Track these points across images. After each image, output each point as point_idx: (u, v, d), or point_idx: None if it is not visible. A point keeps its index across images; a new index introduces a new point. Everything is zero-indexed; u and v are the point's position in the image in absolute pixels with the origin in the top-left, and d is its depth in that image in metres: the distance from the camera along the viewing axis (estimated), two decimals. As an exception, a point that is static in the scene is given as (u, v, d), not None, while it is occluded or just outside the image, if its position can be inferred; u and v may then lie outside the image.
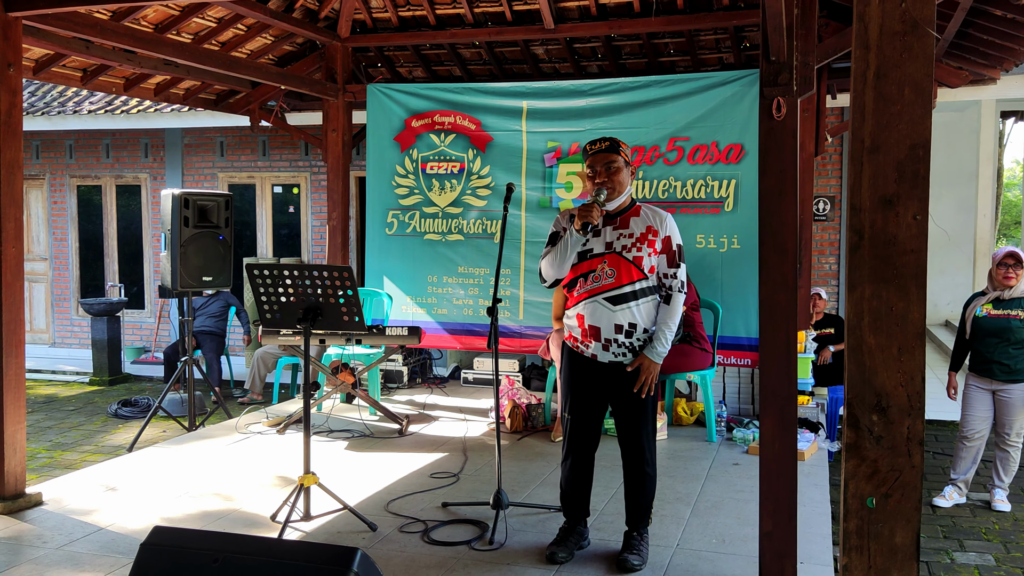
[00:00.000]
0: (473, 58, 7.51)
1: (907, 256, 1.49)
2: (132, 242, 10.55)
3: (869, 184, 1.51)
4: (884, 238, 1.50)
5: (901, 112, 1.48)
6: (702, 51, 6.96)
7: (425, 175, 7.13)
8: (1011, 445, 5.28)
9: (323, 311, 4.13)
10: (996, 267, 5.30)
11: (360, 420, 6.32)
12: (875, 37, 1.48)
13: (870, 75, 1.49)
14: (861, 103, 1.50)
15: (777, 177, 3.37)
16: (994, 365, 5.26)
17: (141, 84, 6.92)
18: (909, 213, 1.49)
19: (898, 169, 1.49)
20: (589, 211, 3.59)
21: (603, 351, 3.69)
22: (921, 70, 1.47)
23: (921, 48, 1.46)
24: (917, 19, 1.45)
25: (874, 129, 1.50)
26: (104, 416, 8.00)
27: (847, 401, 1.54)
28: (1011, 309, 5.22)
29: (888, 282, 1.50)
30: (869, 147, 1.51)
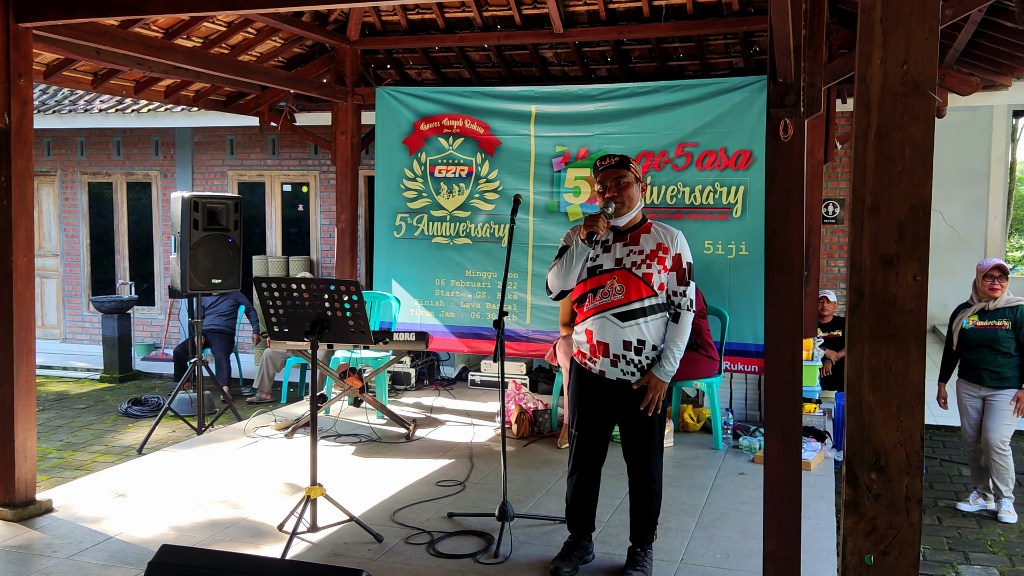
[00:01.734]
0: (482, 61, 7.50)
1: (907, 316, 1.50)
2: (143, 238, 10.61)
3: (869, 243, 1.51)
4: (884, 297, 1.51)
5: (902, 172, 1.49)
6: (712, 55, 6.93)
7: (433, 178, 7.14)
8: (998, 453, 5.29)
9: (330, 323, 4.15)
10: (982, 278, 5.35)
11: (367, 424, 6.36)
12: (876, 97, 1.48)
13: (871, 135, 1.50)
14: (862, 162, 1.51)
15: (783, 197, 3.37)
16: (983, 372, 5.32)
17: (151, 87, 6.94)
18: (909, 273, 1.49)
19: (899, 229, 1.49)
20: (595, 221, 3.60)
21: (611, 367, 3.70)
22: (922, 132, 1.47)
23: (922, 109, 1.47)
24: (918, 81, 1.46)
25: (875, 189, 1.50)
26: (114, 415, 8.07)
27: (846, 458, 1.55)
28: (996, 320, 5.27)
29: (888, 341, 1.51)
30: (870, 207, 1.51)
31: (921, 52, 1.46)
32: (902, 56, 1.46)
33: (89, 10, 4.17)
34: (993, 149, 11.66)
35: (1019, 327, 5.25)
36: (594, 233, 3.58)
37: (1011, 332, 5.26)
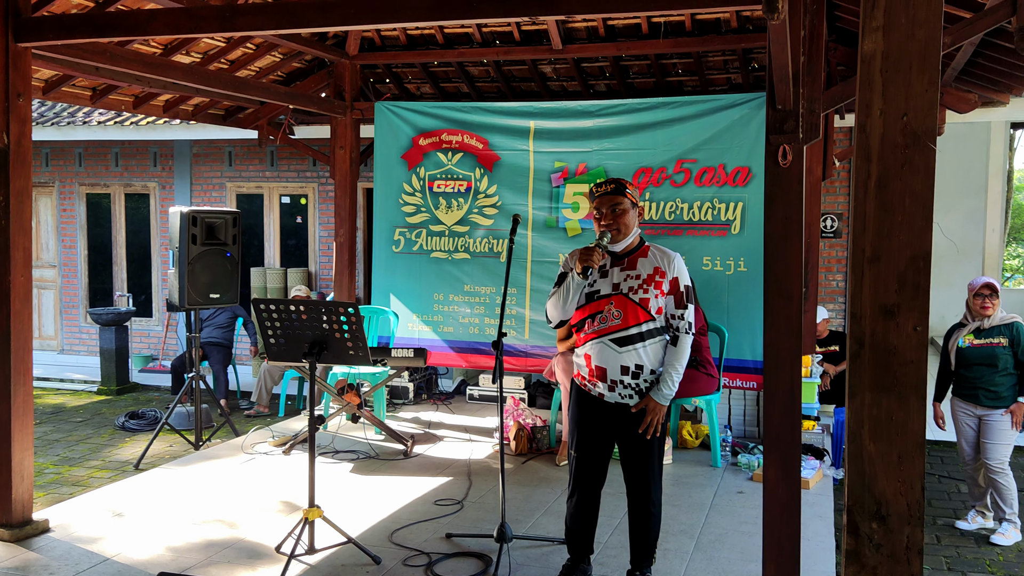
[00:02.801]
0: (481, 75, 7.51)
1: (908, 367, 1.50)
2: (141, 250, 10.59)
3: (870, 292, 1.51)
4: (885, 347, 1.51)
5: (902, 223, 1.49)
6: (710, 71, 6.95)
7: (432, 193, 7.14)
8: (997, 472, 5.29)
9: (328, 344, 4.15)
10: (973, 297, 5.37)
11: (365, 440, 6.34)
12: (876, 148, 1.49)
13: (871, 184, 1.50)
14: (863, 211, 1.51)
15: (782, 223, 3.37)
16: (980, 392, 5.33)
17: (150, 102, 6.94)
18: (910, 324, 1.49)
19: (899, 279, 1.49)
20: (590, 255, 3.60)
21: (609, 391, 3.70)
22: (922, 182, 1.47)
23: (922, 161, 1.47)
24: (918, 132, 1.46)
25: (875, 238, 1.50)
26: (112, 429, 8.05)
27: (847, 507, 1.55)
28: (993, 337, 5.29)
29: (889, 391, 1.51)
30: (870, 256, 1.51)
31: (921, 104, 1.46)
32: (902, 107, 1.47)
33: (89, 31, 4.17)
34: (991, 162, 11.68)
35: (1016, 344, 5.27)
36: (589, 268, 3.58)
37: (1008, 349, 5.27)
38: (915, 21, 1.45)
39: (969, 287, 5.50)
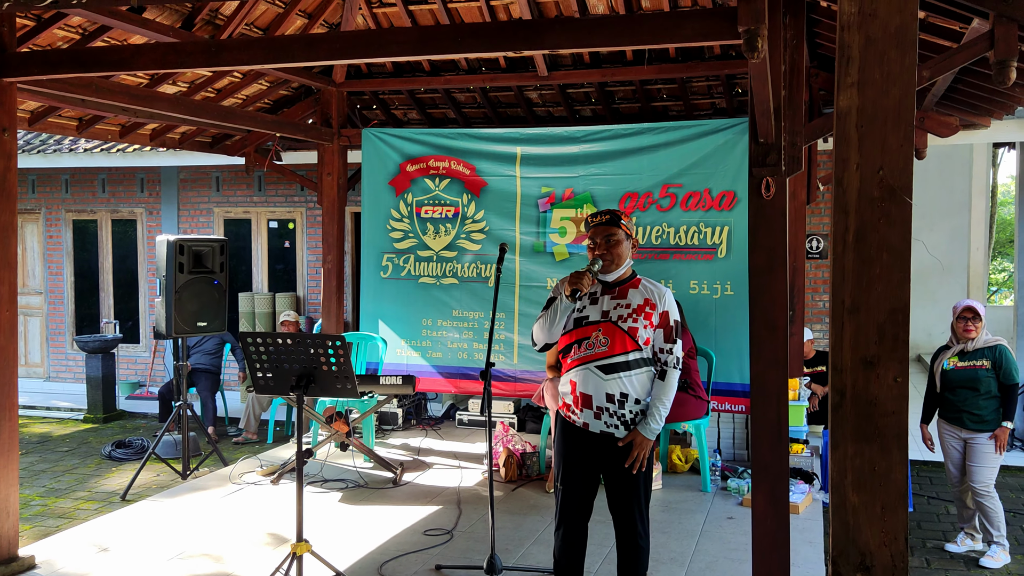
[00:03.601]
0: (468, 102, 7.55)
1: (888, 417, 1.51)
2: (128, 276, 10.55)
3: (850, 344, 1.52)
4: (866, 398, 1.52)
5: (880, 275, 1.50)
6: (695, 96, 7.00)
7: (420, 219, 7.16)
8: (983, 495, 5.31)
9: (316, 377, 4.13)
10: (956, 320, 5.42)
11: (354, 468, 6.31)
12: (853, 201, 1.51)
13: (849, 238, 1.51)
14: (841, 264, 1.52)
15: (767, 255, 3.40)
16: (964, 415, 5.35)
17: (137, 131, 6.94)
18: (890, 375, 1.51)
19: (878, 331, 1.51)
20: (580, 279, 3.61)
21: (594, 419, 3.69)
22: (898, 236, 1.49)
23: (899, 214, 1.49)
24: (894, 187, 1.48)
25: (854, 290, 1.52)
26: (98, 458, 7.98)
27: (831, 558, 1.55)
28: (976, 360, 5.32)
29: (870, 442, 1.52)
30: (849, 307, 1.52)
31: (896, 159, 1.48)
32: (878, 162, 1.49)
33: (74, 66, 4.17)
34: (974, 180, 11.80)
35: (999, 367, 5.30)
36: (578, 290, 3.59)
37: (991, 372, 5.30)
38: (889, 78, 1.48)
39: (953, 310, 5.54)
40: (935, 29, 4.48)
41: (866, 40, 1.48)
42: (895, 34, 1.47)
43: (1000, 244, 19.93)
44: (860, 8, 1.48)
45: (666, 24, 3.22)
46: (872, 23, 1.48)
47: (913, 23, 1.46)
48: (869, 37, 1.48)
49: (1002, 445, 5.25)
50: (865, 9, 1.48)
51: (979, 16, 3.42)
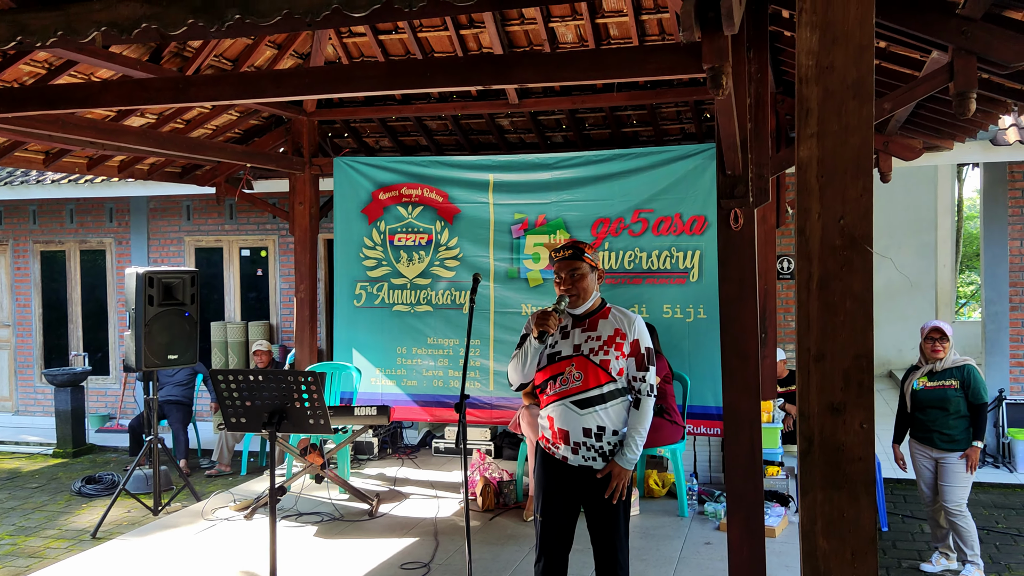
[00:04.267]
0: (440, 129, 7.57)
1: (856, 464, 1.52)
2: (97, 306, 10.42)
3: (817, 391, 1.54)
4: (833, 444, 1.53)
5: (844, 323, 1.52)
6: (664, 122, 7.07)
7: (393, 247, 7.15)
8: (955, 515, 5.35)
9: (288, 414, 4.10)
10: (924, 341, 5.48)
11: (330, 500, 6.25)
12: (816, 249, 1.52)
13: (813, 285, 1.53)
14: (806, 311, 1.54)
15: (737, 285, 3.42)
16: (934, 435, 5.40)
17: (105, 163, 6.88)
18: (856, 421, 1.52)
19: (844, 378, 1.52)
20: (546, 320, 3.62)
21: (573, 454, 3.70)
22: (860, 283, 1.51)
23: (860, 263, 1.51)
24: (855, 236, 1.50)
25: (819, 338, 1.53)
26: (68, 494, 7.84)
27: (802, 605, 1.56)
28: (945, 380, 5.38)
29: (839, 488, 1.53)
30: (815, 355, 1.54)
31: (856, 208, 1.50)
32: (839, 211, 1.51)
33: (40, 104, 4.13)
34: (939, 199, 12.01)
35: (967, 386, 5.36)
36: (546, 332, 3.59)
37: (960, 391, 5.36)
38: (848, 129, 1.50)
39: (921, 331, 5.60)
40: (896, 58, 4.57)
41: (824, 93, 1.50)
42: (852, 86, 1.49)
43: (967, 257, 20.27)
44: (817, 61, 1.51)
45: (633, 59, 3.25)
46: (830, 76, 1.50)
47: (869, 76, 1.49)
48: (827, 90, 1.50)
49: (973, 464, 5.30)
50: (822, 62, 1.50)
51: (938, 49, 3.49)
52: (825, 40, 1.51)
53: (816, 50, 1.52)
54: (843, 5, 1.49)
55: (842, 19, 1.50)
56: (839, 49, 1.50)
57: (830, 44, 1.50)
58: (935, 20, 3.30)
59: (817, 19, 1.51)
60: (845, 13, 1.50)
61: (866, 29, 1.49)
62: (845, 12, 1.49)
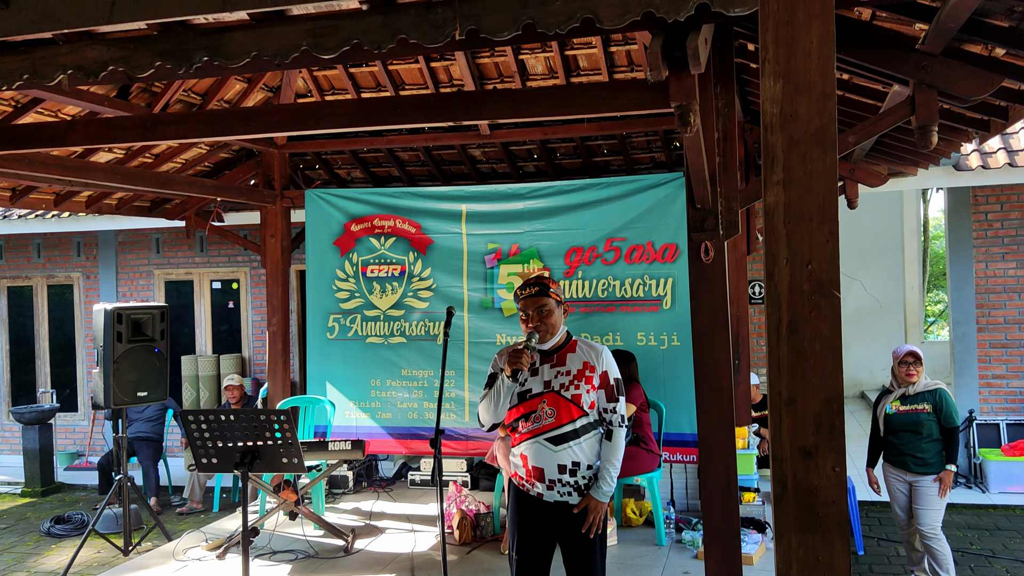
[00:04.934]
0: (412, 160, 7.58)
1: (830, 507, 1.53)
2: (65, 342, 10.26)
3: (789, 435, 1.55)
4: (807, 488, 1.54)
5: (814, 367, 1.53)
6: (635, 151, 7.14)
7: (366, 278, 7.12)
8: (930, 538, 5.39)
9: (261, 453, 4.05)
10: (898, 365, 5.54)
11: (304, 537, 6.16)
12: (785, 295, 1.54)
13: (783, 330, 1.55)
14: (776, 356, 1.55)
15: (709, 316, 3.45)
16: (908, 458, 5.45)
17: (73, 198, 6.81)
18: (828, 464, 1.53)
19: (815, 421, 1.54)
20: (519, 359, 3.60)
21: (548, 491, 3.69)
22: (829, 328, 1.53)
23: (828, 307, 1.52)
24: (823, 280, 1.52)
25: (790, 382, 1.54)
26: (37, 535, 7.68)
27: (780, 650, 1.56)
28: (918, 404, 5.44)
29: (814, 532, 1.54)
30: (786, 399, 1.55)
31: (823, 253, 1.52)
32: (806, 256, 1.53)
33: (6, 143, 4.09)
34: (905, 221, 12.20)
35: (939, 410, 5.42)
36: (519, 370, 3.58)
37: (932, 415, 5.42)
38: (813, 176, 1.52)
39: (894, 355, 5.66)
40: (859, 89, 4.66)
41: (789, 140, 1.53)
42: (815, 134, 1.52)
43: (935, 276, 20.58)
44: (781, 109, 1.53)
45: (601, 95, 3.29)
46: (794, 124, 1.53)
47: (832, 124, 1.52)
48: (791, 137, 1.53)
49: (946, 488, 5.35)
50: (786, 111, 1.53)
51: (900, 83, 3.56)
52: (788, 89, 1.53)
53: (780, 98, 1.54)
54: (805, 56, 1.52)
55: (804, 69, 1.53)
56: (802, 98, 1.53)
57: (793, 93, 1.53)
58: (895, 55, 3.38)
59: (780, 69, 1.54)
60: (807, 63, 1.52)
61: (827, 79, 1.52)
62: (807, 62, 1.52)
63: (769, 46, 1.56)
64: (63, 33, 2.67)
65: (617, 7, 2.42)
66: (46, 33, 2.62)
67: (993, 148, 7.66)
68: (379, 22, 2.59)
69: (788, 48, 1.54)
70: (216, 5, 2.52)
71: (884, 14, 3.46)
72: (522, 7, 2.46)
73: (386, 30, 2.58)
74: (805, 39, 1.54)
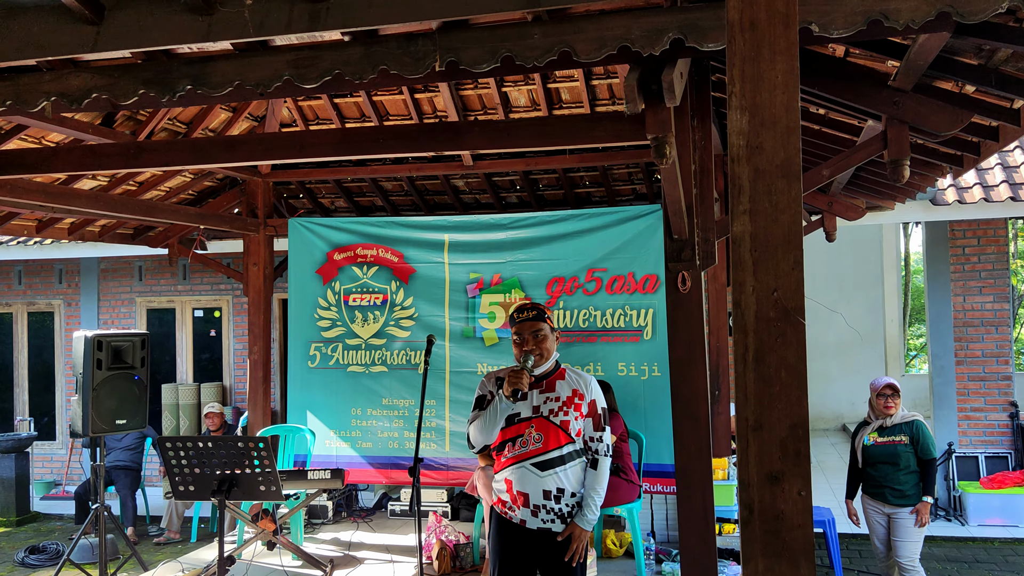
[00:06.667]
0: (395, 190, 7.63)
1: (796, 531, 1.55)
2: (44, 369, 10.17)
3: (755, 460, 1.57)
4: (773, 513, 1.56)
5: (780, 393, 1.56)
6: (616, 183, 7.22)
7: (348, 307, 7.12)
8: (908, 570, 5.40)
9: (238, 481, 4.04)
10: (876, 397, 5.58)
11: (282, 568, 6.10)
12: (751, 322, 1.57)
13: (749, 358, 1.58)
14: (743, 383, 1.58)
15: (686, 347, 3.48)
16: (886, 490, 5.47)
17: (55, 225, 6.80)
18: (794, 489, 1.56)
19: (781, 447, 1.56)
20: (519, 378, 3.62)
21: (532, 517, 3.69)
22: (795, 355, 1.56)
23: (794, 335, 1.56)
24: (788, 308, 1.55)
25: (756, 408, 1.57)
26: (11, 565, 7.56)
27: (747, 676, 1.57)
28: (895, 435, 5.48)
29: (780, 556, 1.56)
30: (753, 424, 1.58)
31: (788, 282, 1.56)
32: (772, 285, 1.56)
33: (-13, 169, 4.09)
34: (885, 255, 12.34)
35: (916, 442, 5.46)
36: (519, 391, 3.60)
37: (909, 447, 5.45)
38: (778, 207, 1.57)
39: (872, 387, 5.71)
40: (835, 124, 4.75)
41: (755, 172, 1.57)
42: (781, 167, 1.56)
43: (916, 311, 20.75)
44: (748, 142, 1.57)
45: (580, 127, 3.35)
46: (759, 156, 1.57)
47: (796, 156, 1.56)
48: (757, 169, 1.57)
49: (923, 520, 5.37)
50: (752, 143, 1.57)
51: (873, 118, 3.64)
52: (754, 123, 1.58)
53: (746, 131, 1.59)
54: (770, 91, 1.57)
55: (769, 104, 1.57)
56: (767, 132, 1.57)
57: (759, 127, 1.58)
58: (868, 91, 3.46)
59: (746, 103, 1.59)
60: (772, 99, 1.57)
61: (792, 114, 1.57)
62: (772, 98, 1.57)
63: (736, 81, 1.60)
64: (47, 60, 2.71)
65: (594, 41, 2.48)
66: (30, 60, 2.65)
67: (969, 183, 7.79)
68: (360, 53, 2.63)
69: (754, 84, 1.59)
70: (200, 35, 2.56)
71: (857, 51, 3.55)
72: (501, 40, 2.51)
73: (367, 62, 2.63)
74: (770, 75, 1.59)
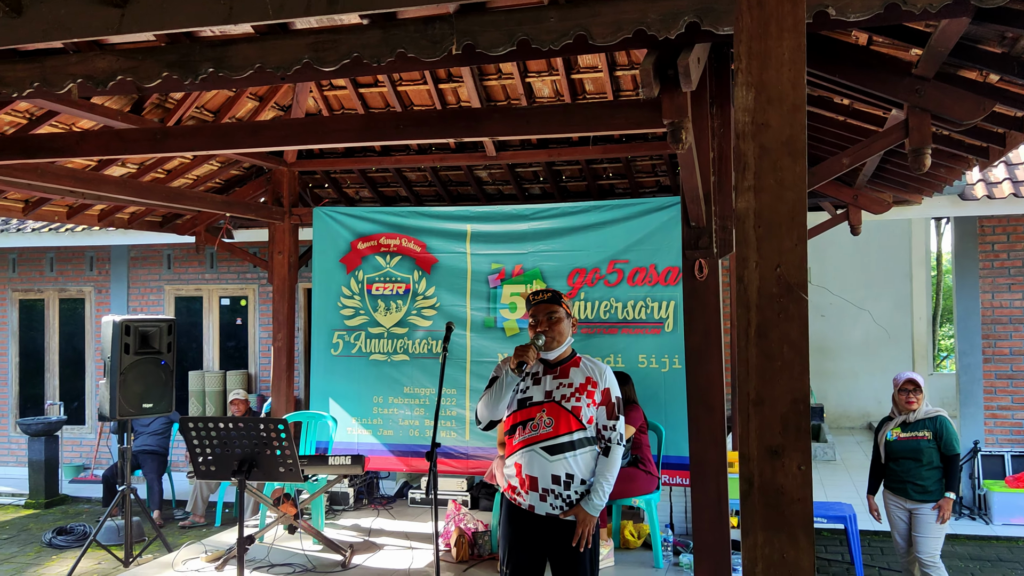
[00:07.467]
0: (419, 180, 7.67)
1: (795, 505, 1.56)
2: (75, 355, 10.35)
3: (756, 435, 1.58)
4: (773, 487, 1.57)
5: (782, 369, 1.57)
6: (639, 175, 7.20)
7: (371, 296, 7.18)
8: (928, 566, 5.34)
9: (258, 462, 4.10)
10: (898, 392, 5.52)
11: (303, 551, 6.17)
12: (754, 298, 1.58)
13: (752, 333, 1.58)
14: (745, 358, 1.59)
15: (702, 336, 3.48)
16: (908, 485, 5.41)
17: (85, 212, 6.92)
18: (794, 464, 1.56)
19: (782, 422, 1.57)
20: (526, 352, 3.65)
21: (540, 502, 3.70)
22: (797, 331, 1.57)
23: (796, 310, 1.56)
24: (791, 284, 1.56)
25: (758, 384, 1.58)
26: (38, 545, 7.71)
27: (745, 649, 1.58)
28: (918, 431, 5.42)
29: (779, 530, 1.56)
30: (754, 399, 1.58)
31: (792, 258, 1.56)
32: (775, 260, 1.57)
33: (18, 153, 4.19)
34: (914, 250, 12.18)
35: (939, 437, 5.40)
36: (524, 363, 3.62)
37: (932, 443, 5.40)
38: (783, 184, 1.57)
39: (894, 382, 5.65)
40: (860, 115, 4.71)
41: (760, 149, 1.57)
42: (786, 144, 1.57)
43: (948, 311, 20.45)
44: (753, 119, 1.58)
45: (600, 113, 3.36)
46: (765, 133, 1.58)
47: (801, 134, 1.56)
48: (763, 146, 1.57)
49: (945, 516, 5.31)
50: (757, 120, 1.58)
51: (895, 106, 3.61)
52: (760, 99, 1.58)
53: (752, 108, 1.59)
54: (776, 68, 1.57)
55: (776, 81, 1.58)
56: (773, 108, 1.58)
57: (765, 103, 1.58)
58: (891, 79, 3.43)
59: (753, 79, 1.59)
60: (779, 75, 1.57)
61: (798, 91, 1.57)
62: (779, 74, 1.57)
63: (743, 58, 1.61)
64: (73, 43, 2.77)
65: (610, 25, 2.49)
66: (56, 42, 2.71)
67: (999, 178, 7.68)
68: (379, 37, 2.66)
69: (761, 60, 1.60)
70: (222, 18, 2.60)
71: (880, 39, 3.52)
72: (517, 24, 2.53)
73: (385, 45, 2.66)
74: (777, 52, 1.59)
